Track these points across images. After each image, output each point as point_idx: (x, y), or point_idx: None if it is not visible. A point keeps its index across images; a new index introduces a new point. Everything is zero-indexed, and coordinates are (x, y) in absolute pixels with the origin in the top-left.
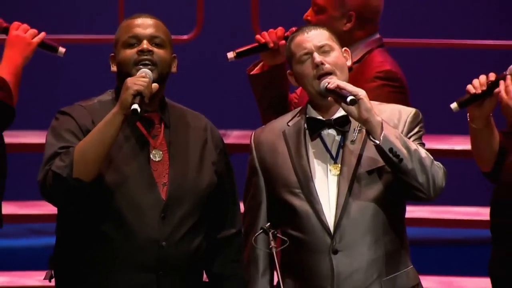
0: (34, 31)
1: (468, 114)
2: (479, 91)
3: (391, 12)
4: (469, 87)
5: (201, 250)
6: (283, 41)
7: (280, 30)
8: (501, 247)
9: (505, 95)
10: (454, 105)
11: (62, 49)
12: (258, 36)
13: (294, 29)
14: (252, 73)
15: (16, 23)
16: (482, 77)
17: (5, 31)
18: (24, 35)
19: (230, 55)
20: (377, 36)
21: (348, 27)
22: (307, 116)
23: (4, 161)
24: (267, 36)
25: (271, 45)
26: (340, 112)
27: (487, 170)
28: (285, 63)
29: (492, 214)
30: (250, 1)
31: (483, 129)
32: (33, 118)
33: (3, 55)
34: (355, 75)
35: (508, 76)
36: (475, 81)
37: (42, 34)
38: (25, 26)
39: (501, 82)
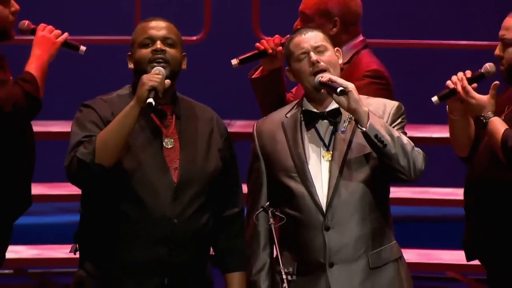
0: (58, 32)
1: (447, 106)
2: (457, 87)
3: (375, 16)
4: (448, 82)
5: (208, 227)
6: (280, 48)
7: (277, 38)
8: (472, 222)
9: (465, 95)
10: (434, 98)
11: (83, 48)
12: (258, 44)
13: (289, 36)
14: (253, 77)
15: (42, 25)
16: (460, 74)
17: (33, 32)
18: (49, 36)
19: (234, 61)
20: (361, 37)
21: (335, 31)
22: (303, 108)
23: (33, 147)
24: (266, 44)
25: (270, 51)
26: (333, 105)
27: (464, 155)
28: (282, 67)
29: (465, 193)
30: (252, 6)
31: (460, 119)
32: (59, 109)
33: (31, 54)
34: (346, 74)
35: (463, 77)
36: (454, 78)
37: (66, 34)
38: (50, 27)
39: (457, 83)
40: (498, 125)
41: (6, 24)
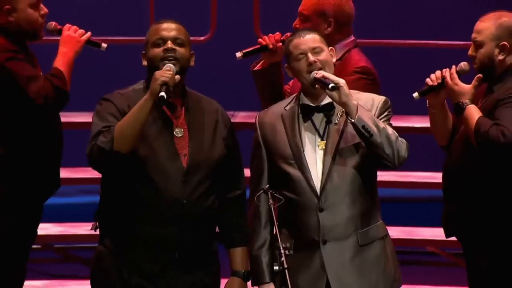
0: (82, 31)
1: (427, 101)
2: (435, 83)
3: (365, 18)
4: (427, 80)
5: (214, 207)
6: (280, 44)
7: (277, 35)
8: (450, 203)
9: (450, 80)
10: (415, 95)
11: (104, 45)
12: (260, 40)
13: (289, 34)
14: (255, 69)
15: (67, 25)
16: (438, 72)
17: (59, 32)
18: (74, 35)
19: (238, 54)
20: (352, 37)
21: (329, 31)
22: (300, 102)
23: (61, 136)
24: (267, 40)
25: (271, 46)
26: (327, 100)
27: (444, 143)
28: (281, 61)
29: (443, 177)
30: (253, 10)
31: (439, 112)
32: (82, 102)
33: (58, 51)
34: (338, 70)
35: (453, 66)
36: (432, 76)
37: (89, 33)
38: (74, 27)
39: (447, 69)
40: (474, 112)
41: (36, 26)
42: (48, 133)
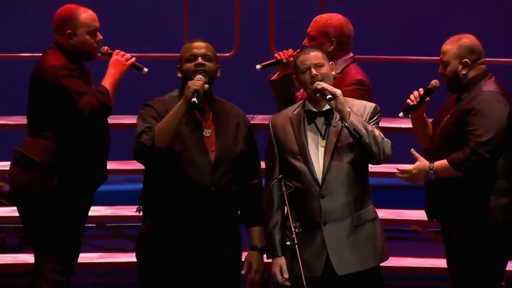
0: (128, 56)
1: (409, 115)
2: (415, 102)
3: (362, 38)
4: (408, 101)
5: (236, 193)
6: (292, 58)
7: (290, 51)
8: (430, 191)
9: (405, 178)
10: (401, 114)
11: (145, 69)
12: (276, 54)
13: (299, 50)
14: (271, 79)
15: (117, 50)
16: (415, 92)
17: (110, 55)
18: (121, 59)
19: (258, 66)
20: (351, 54)
21: (332, 49)
22: (305, 108)
23: (107, 136)
24: (282, 55)
25: (284, 60)
26: (327, 106)
27: (426, 147)
28: (293, 72)
29: None
30: (269, 31)
31: (420, 123)
32: (129, 106)
33: (107, 72)
34: (338, 82)
35: (397, 173)
36: (411, 96)
37: (133, 59)
38: (122, 53)
39: (397, 174)
40: (442, 165)
41: (91, 49)
42: (97, 135)
